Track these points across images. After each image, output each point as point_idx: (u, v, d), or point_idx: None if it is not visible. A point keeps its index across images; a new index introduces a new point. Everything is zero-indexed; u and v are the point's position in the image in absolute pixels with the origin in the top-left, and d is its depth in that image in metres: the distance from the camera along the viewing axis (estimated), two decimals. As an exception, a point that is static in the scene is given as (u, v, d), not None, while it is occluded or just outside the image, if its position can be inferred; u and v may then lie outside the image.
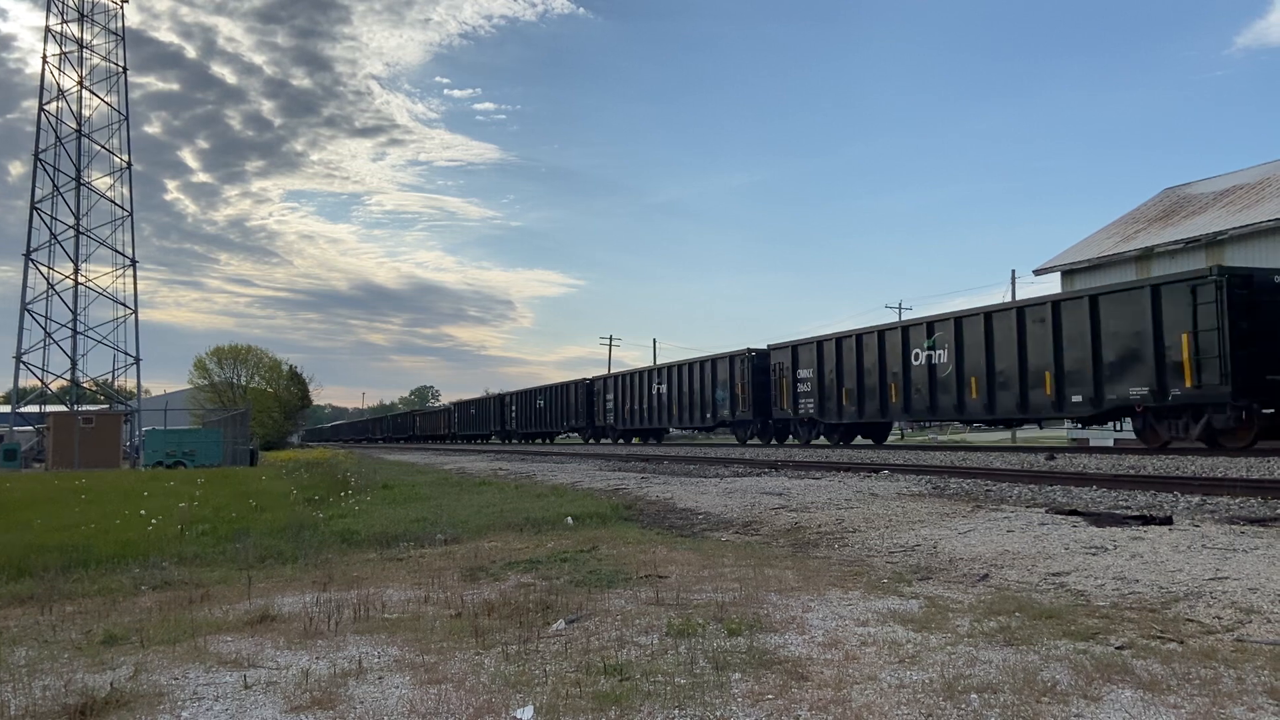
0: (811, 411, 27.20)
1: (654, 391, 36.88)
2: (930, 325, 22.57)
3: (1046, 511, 8.32)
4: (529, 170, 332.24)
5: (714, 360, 32.64)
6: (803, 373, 27.58)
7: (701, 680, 3.55)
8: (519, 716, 3.21)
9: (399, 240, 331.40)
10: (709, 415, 32.95)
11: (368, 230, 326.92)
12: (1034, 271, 32.40)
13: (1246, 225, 24.43)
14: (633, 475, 17.03)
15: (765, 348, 30.15)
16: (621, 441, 40.76)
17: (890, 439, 31.41)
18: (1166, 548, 6.09)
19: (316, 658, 4.15)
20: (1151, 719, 3.02)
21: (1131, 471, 12.05)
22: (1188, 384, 16.14)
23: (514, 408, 55.60)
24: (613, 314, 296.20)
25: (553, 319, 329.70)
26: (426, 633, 4.58)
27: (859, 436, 27.55)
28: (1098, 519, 7.56)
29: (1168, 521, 7.22)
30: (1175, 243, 26.36)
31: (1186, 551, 5.93)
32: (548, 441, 51.46)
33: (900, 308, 68.96)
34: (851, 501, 10.17)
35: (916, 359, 22.88)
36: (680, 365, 35.37)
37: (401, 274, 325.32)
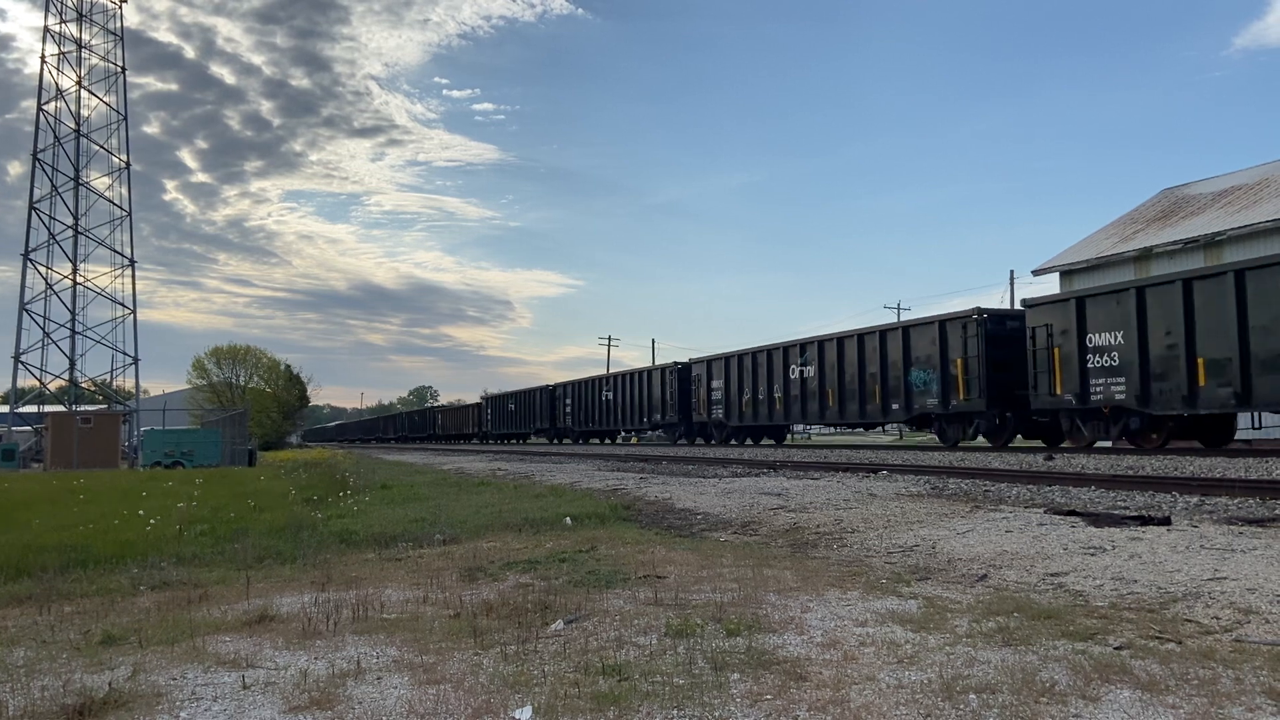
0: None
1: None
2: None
3: (1045, 512, 8.33)
4: (528, 170, 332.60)
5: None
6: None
7: (700, 680, 3.55)
8: (517, 717, 3.21)
9: (398, 240, 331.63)
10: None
11: (366, 230, 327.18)
12: (1033, 272, 32.45)
13: (1245, 226, 24.47)
14: (631, 475, 17.03)
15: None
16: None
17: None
18: (1165, 548, 6.10)
19: (315, 658, 4.14)
20: (1150, 719, 3.02)
21: (1130, 472, 12.05)
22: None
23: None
24: (612, 314, 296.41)
25: (552, 319, 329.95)
26: (425, 633, 4.57)
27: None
28: (1096, 519, 7.56)
29: (1166, 522, 7.23)
30: (1174, 243, 26.39)
31: (1185, 552, 5.94)
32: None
33: (899, 308, 69.06)
34: (850, 502, 10.18)
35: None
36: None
37: (400, 274, 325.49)
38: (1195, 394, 15.49)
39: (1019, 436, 21.67)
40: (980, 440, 22.07)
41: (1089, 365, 17.37)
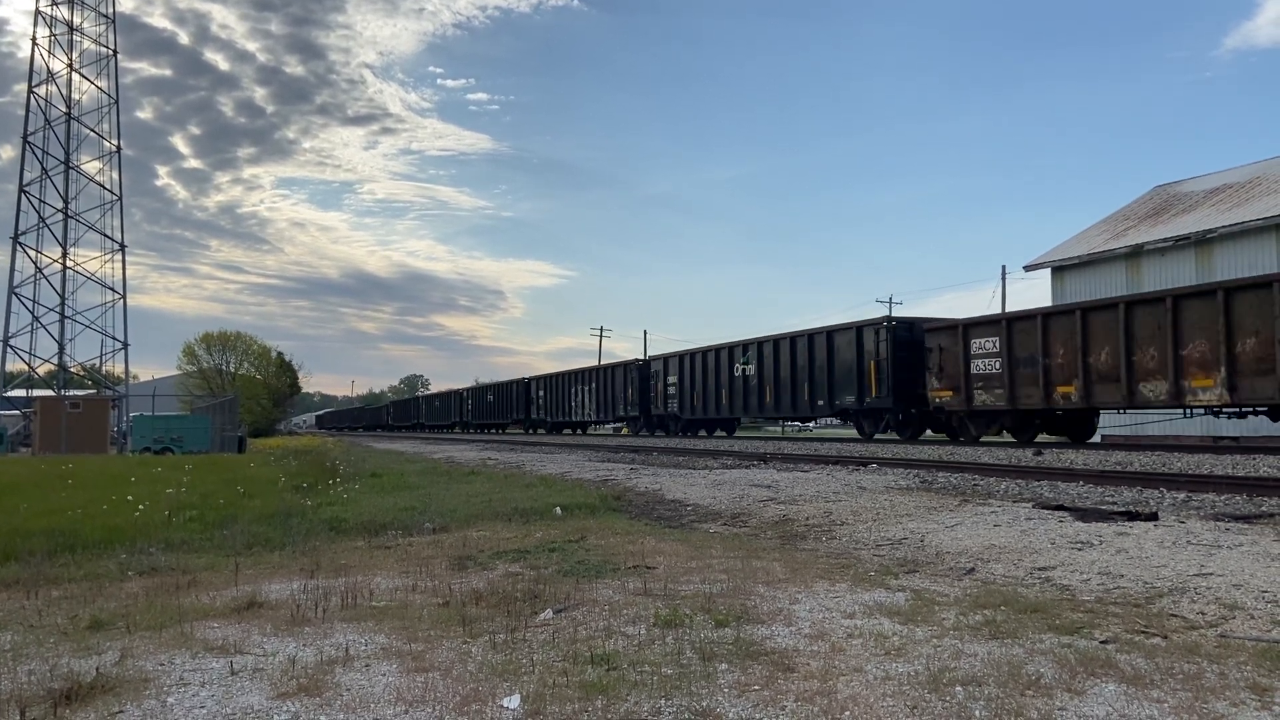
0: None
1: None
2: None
3: (1033, 506, 8.36)
4: (521, 161, 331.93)
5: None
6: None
7: (688, 671, 3.56)
8: (506, 705, 3.22)
9: (390, 229, 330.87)
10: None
11: (359, 218, 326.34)
12: (1024, 267, 32.50)
13: (1236, 224, 24.54)
14: (621, 466, 17.04)
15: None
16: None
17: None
18: (1151, 543, 6.13)
19: (303, 645, 4.14)
20: (1135, 712, 3.04)
21: (1118, 468, 12.11)
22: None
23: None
24: (604, 305, 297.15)
25: (543, 310, 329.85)
26: (414, 621, 4.57)
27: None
28: (1084, 514, 7.60)
29: (1153, 517, 7.26)
30: (1165, 240, 26.46)
31: (1171, 547, 5.97)
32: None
33: (890, 302, 69.22)
34: (840, 495, 10.20)
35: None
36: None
37: (392, 263, 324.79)
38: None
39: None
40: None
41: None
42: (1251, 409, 16.47)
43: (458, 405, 65.97)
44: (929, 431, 24.92)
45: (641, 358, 38.53)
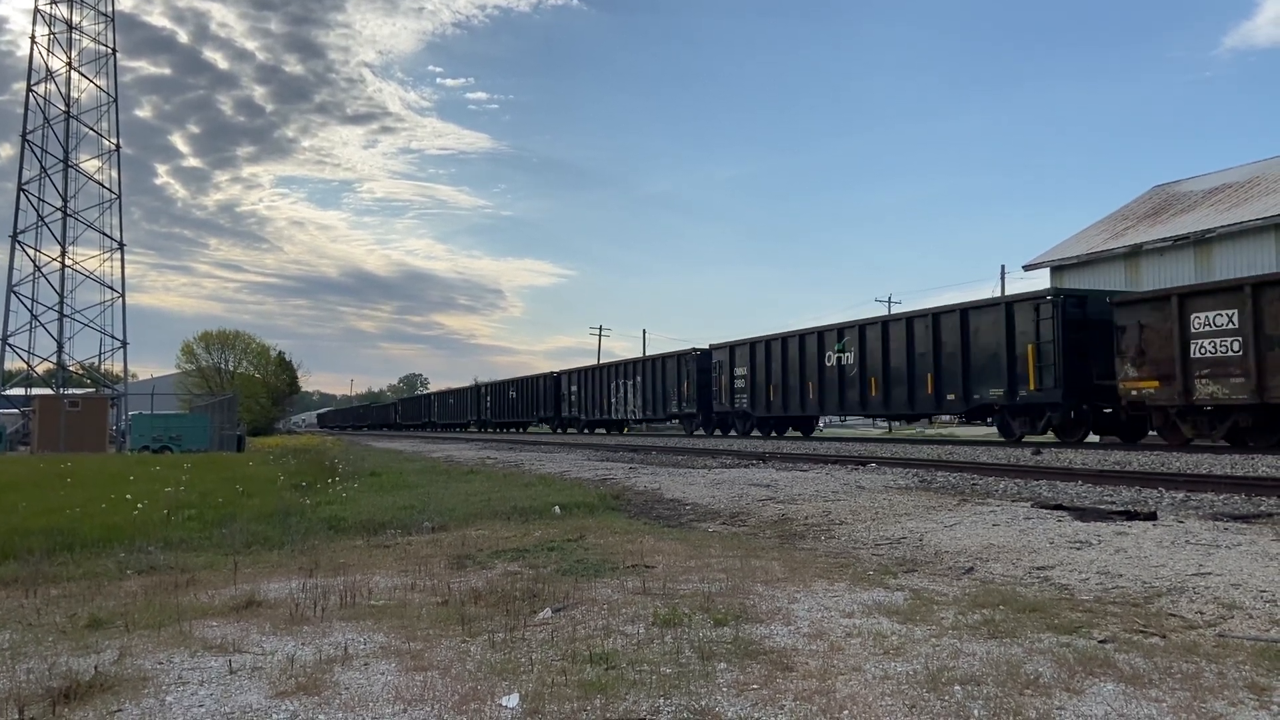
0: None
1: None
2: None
3: (1032, 506, 8.36)
4: (521, 160, 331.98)
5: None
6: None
7: (687, 670, 3.56)
8: (505, 704, 3.22)
9: (389, 228, 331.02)
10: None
11: (358, 217, 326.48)
12: (1024, 267, 32.52)
13: (1235, 224, 24.55)
14: (620, 465, 17.04)
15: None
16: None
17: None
18: (1150, 543, 6.13)
19: (302, 644, 4.14)
20: (1133, 712, 3.04)
21: (1117, 467, 12.12)
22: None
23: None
24: (603, 305, 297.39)
25: (542, 309, 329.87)
26: (413, 620, 4.57)
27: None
28: (1083, 514, 7.60)
29: (1152, 517, 7.27)
30: (1164, 240, 26.47)
31: (1170, 547, 5.97)
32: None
33: (889, 301, 69.08)
34: (839, 494, 10.20)
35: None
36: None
37: (392, 261, 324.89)
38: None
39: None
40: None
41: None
42: None
43: (475, 403, 62.40)
44: (1094, 435, 20.43)
45: (700, 347, 33.89)
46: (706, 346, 33.18)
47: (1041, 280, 31.10)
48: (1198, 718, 2.98)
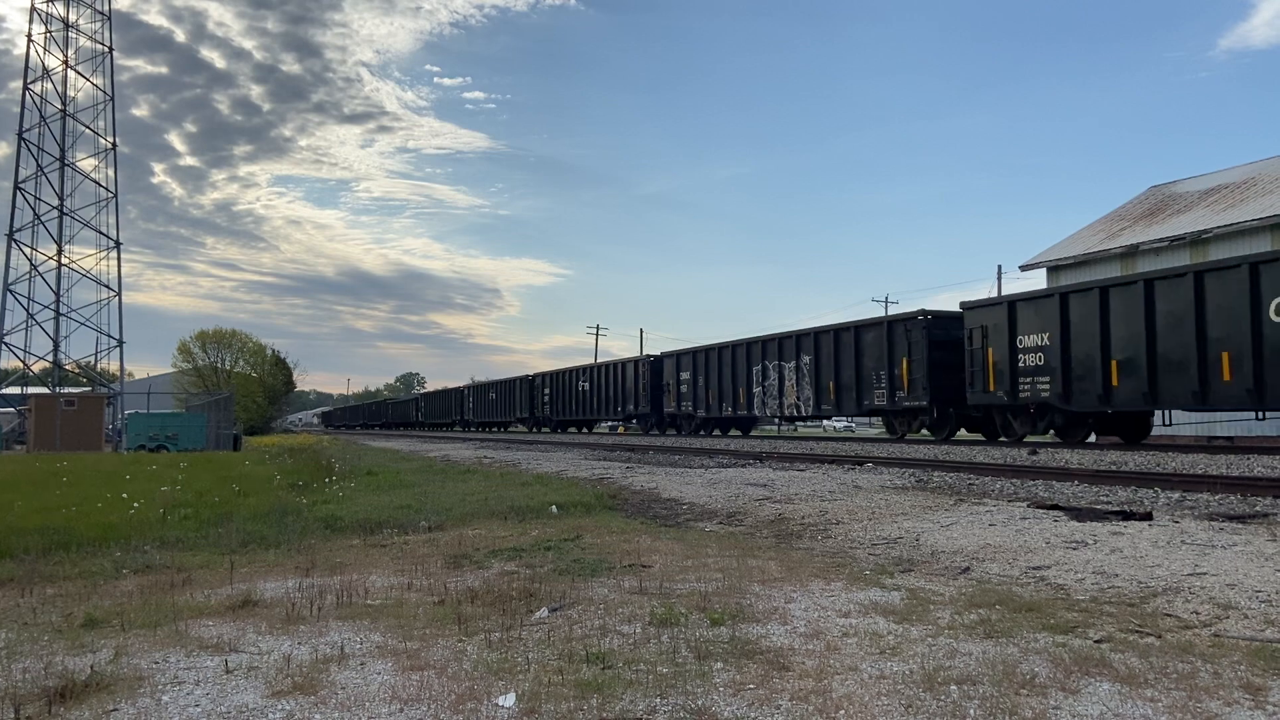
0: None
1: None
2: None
3: (1028, 506, 8.37)
4: (518, 159, 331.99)
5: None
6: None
7: (684, 669, 3.56)
8: (501, 703, 3.21)
9: (387, 227, 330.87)
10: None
11: (355, 216, 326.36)
12: (1020, 267, 32.54)
13: (1231, 224, 24.58)
14: (617, 465, 17.03)
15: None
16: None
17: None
18: (1146, 543, 6.14)
19: (298, 643, 4.14)
20: (1129, 711, 3.04)
21: (1113, 468, 12.13)
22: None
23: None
24: (600, 304, 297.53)
25: (540, 308, 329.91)
26: (409, 619, 4.57)
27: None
28: (1079, 514, 7.61)
29: (1148, 517, 7.28)
30: (1160, 241, 26.50)
31: (1166, 547, 5.98)
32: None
33: (886, 301, 69.16)
34: (835, 494, 10.21)
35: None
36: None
37: (389, 261, 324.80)
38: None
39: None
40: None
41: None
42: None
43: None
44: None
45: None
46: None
47: (1038, 280, 31.15)
48: (1193, 718, 2.99)
